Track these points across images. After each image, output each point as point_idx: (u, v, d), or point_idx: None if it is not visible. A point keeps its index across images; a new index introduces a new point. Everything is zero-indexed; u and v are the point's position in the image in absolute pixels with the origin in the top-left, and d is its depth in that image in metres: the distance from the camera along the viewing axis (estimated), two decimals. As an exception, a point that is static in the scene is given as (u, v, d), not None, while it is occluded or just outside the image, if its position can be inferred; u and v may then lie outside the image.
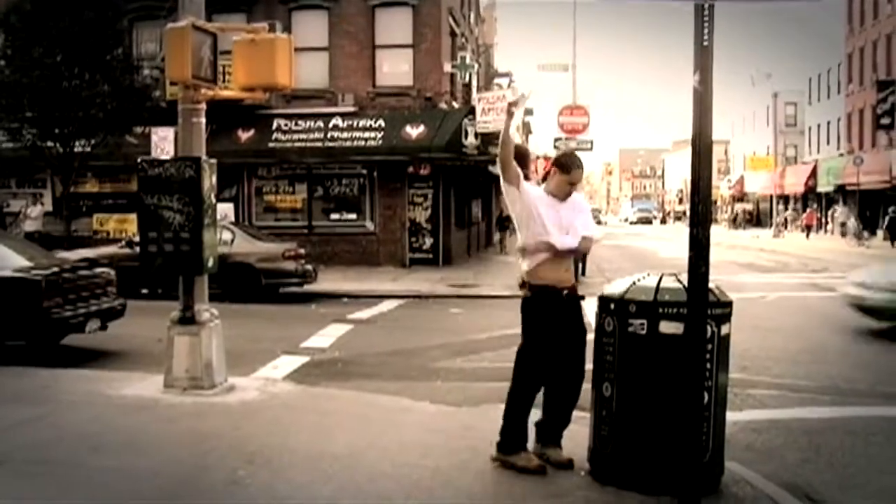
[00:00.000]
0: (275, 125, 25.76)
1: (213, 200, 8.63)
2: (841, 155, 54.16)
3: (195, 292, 8.53)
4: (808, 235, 50.21)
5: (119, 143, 22.65)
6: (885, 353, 12.07)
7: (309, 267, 18.57)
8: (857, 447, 7.18)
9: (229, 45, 8.79)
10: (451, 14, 27.95)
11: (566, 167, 6.07)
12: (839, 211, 51.09)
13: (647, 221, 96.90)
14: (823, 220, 54.51)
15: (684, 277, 5.19)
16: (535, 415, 6.10)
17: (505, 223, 32.06)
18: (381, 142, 25.02)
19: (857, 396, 9.05)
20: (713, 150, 4.99)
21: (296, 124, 25.67)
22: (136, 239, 10.72)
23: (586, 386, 5.98)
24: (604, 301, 5.70)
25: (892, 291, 12.98)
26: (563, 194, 6.04)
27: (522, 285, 6.09)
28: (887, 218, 41.81)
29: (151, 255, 8.47)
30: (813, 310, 16.59)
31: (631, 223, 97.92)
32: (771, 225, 58.28)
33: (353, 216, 26.21)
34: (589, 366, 5.89)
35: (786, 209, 62.75)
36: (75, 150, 22.68)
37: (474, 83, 29.93)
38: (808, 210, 55.66)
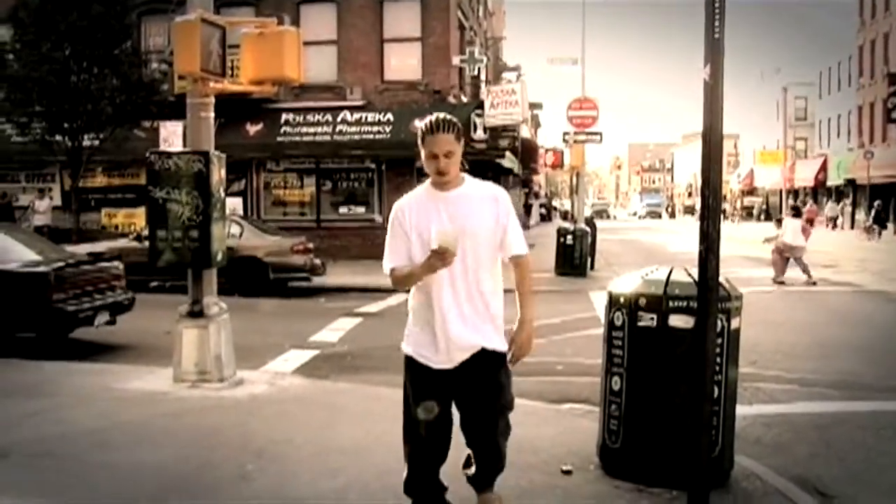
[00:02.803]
0: (283, 119, 25.76)
1: (222, 194, 8.63)
2: (851, 149, 53.96)
3: (204, 286, 8.54)
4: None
5: (127, 137, 22.68)
6: (894, 347, 12.03)
7: (317, 261, 18.57)
8: (866, 441, 7.15)
9: (238, 38, 8.78)
10: (459, 7, 27.90)
11: (421, 136, 4.34)
12: (828, 206, 52.61)
13: (657, 215, 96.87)
14: (839, 214, 54.37)
15: (694, 271, 5.17)
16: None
17: None
18: (389, 135, 25.01)
19: (867, 391, 9.01)
20: (723, 143, 4.96)
21: (304, 118, 25.68)
22: (145, 233, 10.75)
23: (595, 379, 5.95)
24: (613, 295, 5.68)
25: None
26: (434, 175, 4.32)
27: None
28: (873, 211, 42.62)
29: (160, 248, 8.48)
30: (822, 304, 16.54)
31: (640, 217, 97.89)
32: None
33: (362, 210, 26.22)
34: (598, 360, 5.87)
35: (796, 203, 62.61)
36: (84, 144, 22.72)
37: (483, 77, 29.86)
38: (809, 205, 56.06)
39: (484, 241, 4.29)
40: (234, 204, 23.26)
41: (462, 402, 4.43)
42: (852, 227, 48.15)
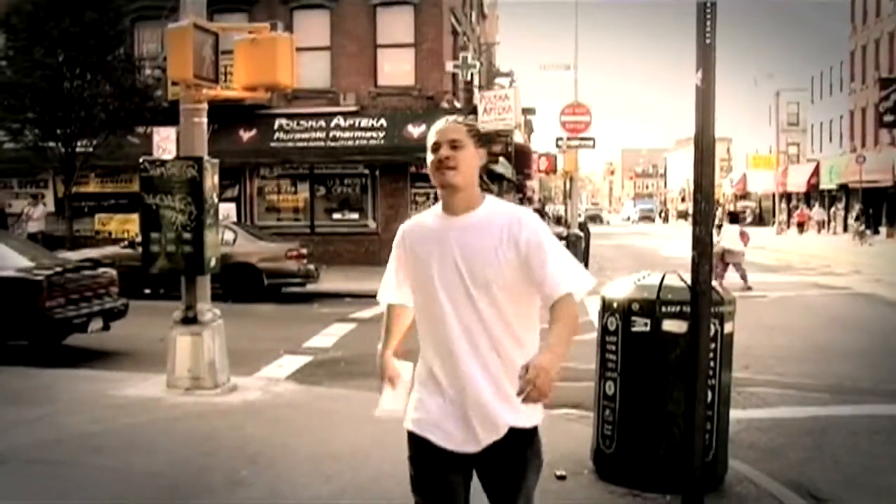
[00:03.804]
0: (276, 125, 25.75)
1: (216, 200, 8.63)
2: (844, 153, 54.13)
3: (197, 292, 8.53)
4: (800, 232, 51.77)
5: (121, 144, 22.62)
6: (888, 351, 12.05)
7: (311, 267, 18.55)
8: (860, 446, 7.17)
9: (231, 44, 8.78)
10: (452, 13, 27.92)
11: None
12: (815, 210, 55.18)
13: (650, 220, 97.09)
14: (826, 218, 54.73)
15: (687, 276, 5.19)
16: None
17: None
18: (382, 141, 25.01)
19: (861, 395, 9.03)
20: (716, 148, 4.97)
21: (297, 124, 25.67)
22: (139, 239, 10.74)
23: (588, 384, 5.95)
24: (607, 300, 5.69)
25: None
26: (435, 174, 3.20)
27: None
28: (843, 213, 43.45)
29: (154, 254, 8.48)
30: (816, 308, 16.57)
31: (633, 222, 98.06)
32: (773, 223, 58.46)
33: (356, 216, 26.20)
34: (591, 365, 5.87)
35: (788, 207, 62.90)
36: (77, 150, 22.67)
37: (476, 82, 29.88)
38: (800, 209, 56.92)
39: (506, 287, 3.13)
40: (228, 210, 23.21)
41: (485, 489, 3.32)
42: (845, 230, 48.31)
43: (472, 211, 3.20)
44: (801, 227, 53.75)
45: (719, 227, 21.25)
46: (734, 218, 21.79)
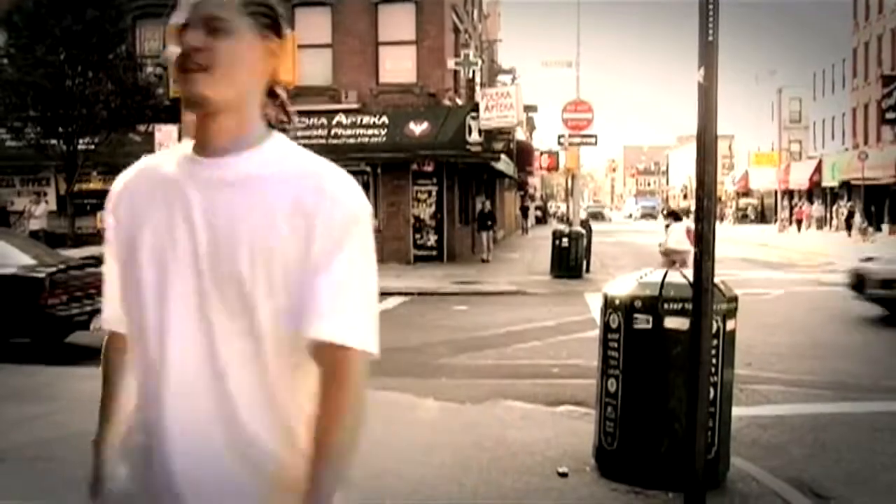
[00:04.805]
0: (278, 122, 25.77)
1: (217, 198, 8.62)
2: (846, 150, 54.12)
3: (199, 290, 8.52)
4: (799, 229, 52.14)
5: (122, 141, 22.68)
6: (890, 348, 12.05)
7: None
8: (862, 442, 7.16)
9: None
10: (454, 10, 27.91)
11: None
12: (814, 207, 56.32)
13: (652, 217, 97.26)
14: (828, 215, 54.81)
15: (689, 273, 5.18)
16: None
17: (487, 222, 28.06)
18: (384, 139, 25.02)
19: (863, 392, 9.03)
20: (718, 145, 4.97)
21: (299, 121, 25.54)
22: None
23: (591, 382, 5.95)
24: (609, 297, 5.68)
25: None
26: (185, 105, 1.81)
27: None
28: (845, 211, 43.87)
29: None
30: (818, 305, 16.56)
31: (635, 219, 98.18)
32: (775, 220, 58.52)
33: (357, 213, 26.19)
34: (593, 362, 5.87)
35: (790, 205, 63.00)
36: (79, 147, 22.73)
37: (478, 79, 29.87)
38: (799, 206, 57.39)
39: (270, 294, 1.74)
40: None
41: None
42: (847, 227, 48.36)
43: (243, 153, 1.83)
44: (799, 224, 54.14)
45: (668, 226, 20.99)
46: (676, 217, 21.51)
